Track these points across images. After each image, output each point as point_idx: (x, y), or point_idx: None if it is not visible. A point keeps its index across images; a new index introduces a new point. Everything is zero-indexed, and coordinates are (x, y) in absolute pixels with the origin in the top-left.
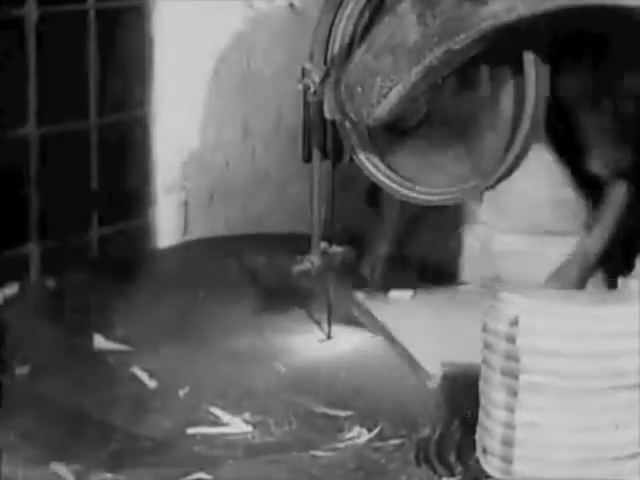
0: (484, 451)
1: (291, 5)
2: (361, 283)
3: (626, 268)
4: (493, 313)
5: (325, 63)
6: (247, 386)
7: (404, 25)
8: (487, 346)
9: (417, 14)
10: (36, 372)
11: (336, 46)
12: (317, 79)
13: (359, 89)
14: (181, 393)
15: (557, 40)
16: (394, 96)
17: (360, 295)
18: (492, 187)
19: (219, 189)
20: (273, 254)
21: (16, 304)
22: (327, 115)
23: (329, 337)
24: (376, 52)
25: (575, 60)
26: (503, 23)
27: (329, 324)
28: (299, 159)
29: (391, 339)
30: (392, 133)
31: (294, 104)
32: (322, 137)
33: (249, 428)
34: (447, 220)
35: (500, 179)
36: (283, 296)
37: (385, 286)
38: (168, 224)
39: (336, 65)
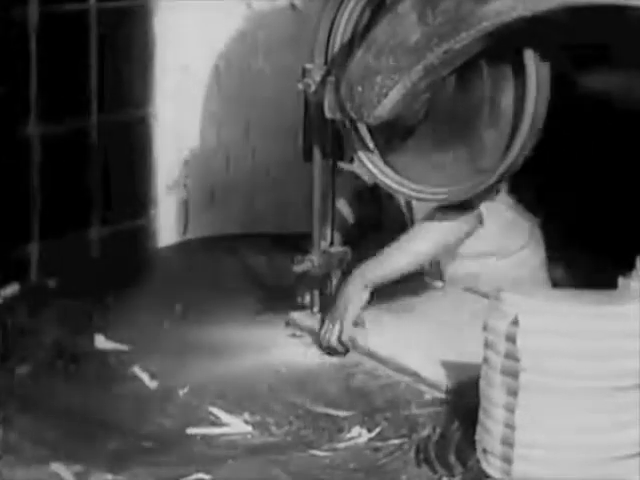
0: (484, 451)
1: (292, 5)
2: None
3: (627, 268)
4: (494, 312)
5: (325, 63)
6: (247, 386)
7: (405, 24)
8: (487, 345)
9: (418, 13)
10: (36, 372)
11: (336, 45)
12: (317, 78)
13: (359, 88)
14: (181, 393)
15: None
16: (395, 95)
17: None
18: (492, 186)
19: (220, 188)
20: (273, 253)
21: (16, 304)
22: (327, 114)
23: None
24: (377, 51)
25: None
26: (504, 22)
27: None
28: (299, 158)
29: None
30: (392, 132)
31: (294, 103)
32: (322, 136)
33: (249, 428)
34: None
35: (500, 178)
36: (283, 296)
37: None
38: (169, 223)
39: (336, 64)
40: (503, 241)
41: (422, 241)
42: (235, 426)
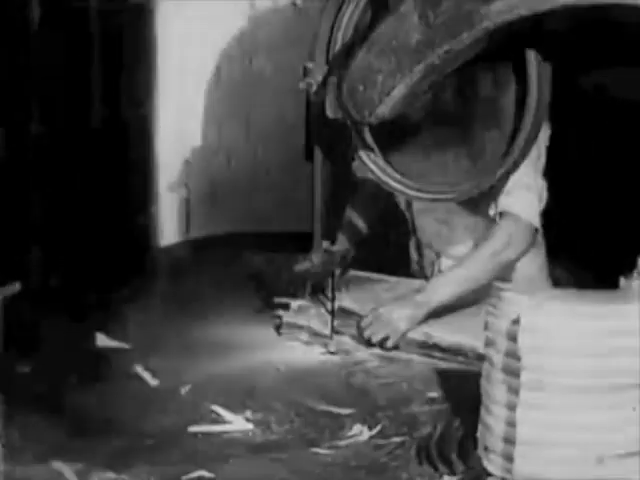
0: (485, 449)
1: (293, 4)
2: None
3: (628, 267)
4: (495, 311)
5: (327, 62)
6: (248, 384)
7: (406, 24)
8: (489, 344)
9: (419, 13)
10: (37, 371)
11: (338, 45)
12: (319, 78)
13: (361, 88)
14: (183, 391)
15: None
16: (396, 95)
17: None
18: (493, 186)
19: (221, 187)
20: (274, 253)
21: (17, 303)
22: (329, 114)
23: (331, 335)
24: (378, 51)
25: None
26: (505, 22)
27: (332, 322)
28: (301, 158)
29: None
30: (394, 132)
31: (296, 103)
32: (324, 136)
33: (250, 426)
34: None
35: (501, 178)
36: (284, 295)
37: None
38: (170, 222)
39: (338, 64)
40: None
41: (483, 263)
42: (236, 424)
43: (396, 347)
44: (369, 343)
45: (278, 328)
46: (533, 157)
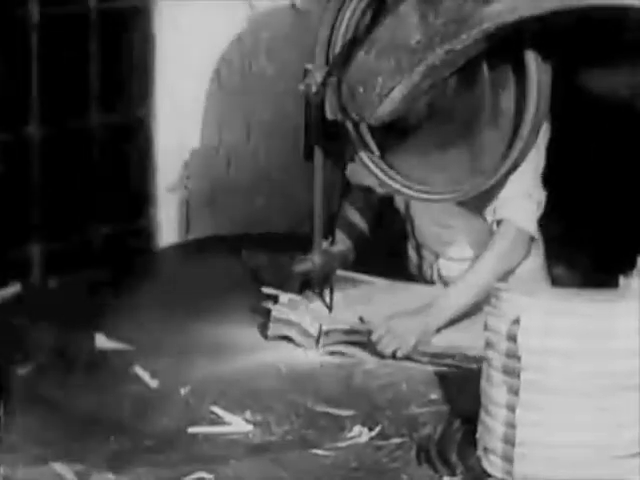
0: (485, 450)
1: (293, 5)
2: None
3: (628, 266)
4: (495, 311)
5: (327, 63)
6: (248, 385)
7: (406, 25)
8: (488, 344)
9: (419, 14)
10: (37, 372)
11: (338, 46)
12: (319, 79)
13: (361, 89)
14: (182, 392)
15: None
16: (396, 96)
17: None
18: (493, 186)
19: (221, 189)
20: (274, 253)
21: (18, 303)
22: (329, 115)
23: (330, 318)
24: (378, 52)
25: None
26: (505, 23)
27: (326, 321)
28: (301, 159)
29: None
30: (393, 133)
31: (296, 104)
32: (323, 137)
33: (250, 427)
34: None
35: (502, 178)
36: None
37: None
38: (170, 223)
39: (338, 65)
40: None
41: (488, 273)
42: (236, 425)
43: (407, 358)
44: (380, 355)
45: (265, 325)
46: (533, 163)
